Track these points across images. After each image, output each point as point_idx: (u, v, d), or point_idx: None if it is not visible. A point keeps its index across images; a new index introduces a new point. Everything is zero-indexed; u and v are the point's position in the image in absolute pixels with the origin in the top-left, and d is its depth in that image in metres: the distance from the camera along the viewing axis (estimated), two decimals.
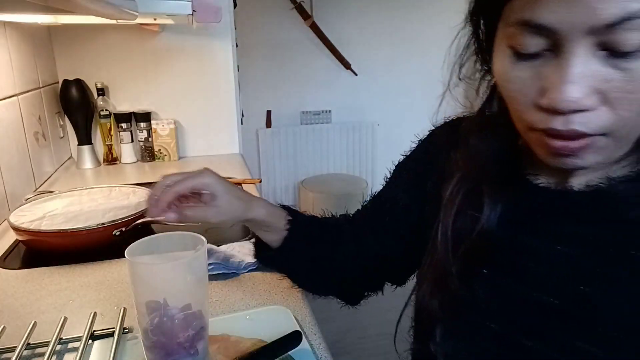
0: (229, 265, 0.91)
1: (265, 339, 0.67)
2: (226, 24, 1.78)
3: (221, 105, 1.88)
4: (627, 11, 0.36)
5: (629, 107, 0.39)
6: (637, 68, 0.38)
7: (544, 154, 0.44)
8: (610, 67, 0.39)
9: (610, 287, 0.44)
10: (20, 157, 1.34)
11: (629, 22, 0.36)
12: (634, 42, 0.37)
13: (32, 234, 0.97)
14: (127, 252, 0.56)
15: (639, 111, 0.39)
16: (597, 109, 0.40)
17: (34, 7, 0.94)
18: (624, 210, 0.44)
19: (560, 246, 0.47)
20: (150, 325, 0.56)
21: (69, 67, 1.73)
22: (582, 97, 0.39)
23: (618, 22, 0.36)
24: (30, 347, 0.68)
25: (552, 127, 0.41)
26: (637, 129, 0.42)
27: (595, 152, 0.42)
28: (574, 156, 0.42)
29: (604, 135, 0.41)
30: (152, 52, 1.78)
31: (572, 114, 0.40)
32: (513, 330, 0.49)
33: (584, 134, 0.40)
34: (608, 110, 0.40)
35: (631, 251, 0.44)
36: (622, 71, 0.38)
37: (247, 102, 3.25)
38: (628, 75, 0.38)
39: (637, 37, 0.37)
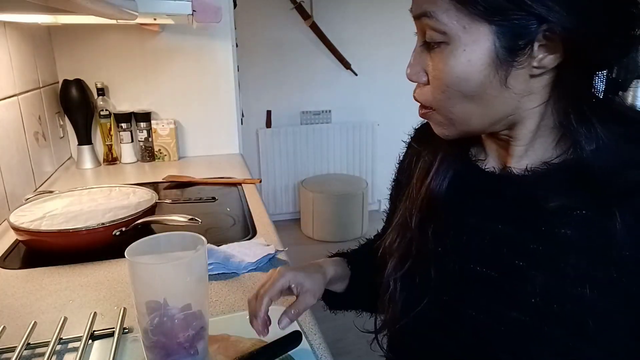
0: (229, 265, 0.91)
1: (265, 339, 0.67)
2: (226, 24, 1.78)
3: (221, 105, 1.88)
4: (421, 8, 0.48)
5: (438, 89, 0.50)
6: (437, 58, 0.49)
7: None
8: (428, 55, 0.51)
9: (540, 261, 0.49)
10: (20, 157, 1.34)
11: (425, 18, 0.48)
12: (430, 36, 0.49)
13: (32, 234, 0.97)
14: (127, 252, 0.56)
15: (446, 95, 0.50)
16: (426, 87, 0.52)
17: (34, 7, 0.94)
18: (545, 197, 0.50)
19: (501, 225, 0.53)
20: (150, 325, 0.56)
21: (69, 67, 1.73)
22: (412, 74, 0.52)
23: (418, 17, 0.49)
24: (30, 347, 0.68)
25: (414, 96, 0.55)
26: (457, 113, 0.51)
27: (438, 125, 0.54)
28: (433, 125, 0.55)
29: (434, 110, 0.53)
30: (152, 52, 1.78)
31: (416, 87, 0.53)
32: (459, 301, 0.55)
33: (421, 103, 0.53)
34: (429, 88, 0.52)
35: (555, 229, 0.49)
36: (431, 59, 0.50)
37: (247, 102, 3.25)
38: (433, 62, 0.50)
39: (430, 33, 0.48)
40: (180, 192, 1.48)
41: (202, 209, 1.29)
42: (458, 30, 0.46)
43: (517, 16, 0.44)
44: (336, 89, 3.45)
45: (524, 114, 0.51)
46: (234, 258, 0.93)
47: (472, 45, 0.46)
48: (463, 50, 0.47)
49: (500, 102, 0.49)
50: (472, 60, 0.47)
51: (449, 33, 0.47)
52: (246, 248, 0.98)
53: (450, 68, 0.48)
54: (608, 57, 0.48)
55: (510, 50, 0.46)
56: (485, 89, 0.48)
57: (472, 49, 0.47)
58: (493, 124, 0.52)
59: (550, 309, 0.48)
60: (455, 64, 0.48)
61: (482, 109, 0.50)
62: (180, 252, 0.61)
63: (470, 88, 0.48)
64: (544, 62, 0.47)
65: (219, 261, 0.91)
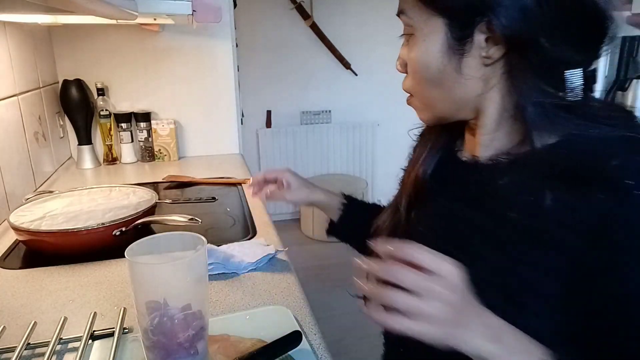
0: (229, 265, 0.91)
1: (265, 339, 0.67)
2: (226, 24, 1.78)
3: (221, 105, 1.88)
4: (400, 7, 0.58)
5: (410, 76, 0.60)
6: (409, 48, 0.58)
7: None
8: (406, 47, 0.59)
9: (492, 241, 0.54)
10: (20, 157, 1.34)
11: (401, 14, 0.57)
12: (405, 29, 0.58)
13: (32, 234, 0.97)
14: (127, 252, 0.56)
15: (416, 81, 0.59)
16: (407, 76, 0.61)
17: (34, 7, 0.94)
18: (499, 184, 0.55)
19: (466, 208, 0.58)
20: (150, 325, 0.56)
21: (69, 67, 1.73)
22: (398, 65, 0.62)
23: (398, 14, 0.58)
24: (30, 347, 0.68)
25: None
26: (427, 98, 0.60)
27: (418, 110, 0.63)
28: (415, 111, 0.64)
29: (413, 97, 0.62)
30: (152, 52, 1.78)
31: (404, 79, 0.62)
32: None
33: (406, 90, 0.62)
34: (408, 77, 0.61)
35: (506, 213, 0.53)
36: (407, 50, 0.59)
37: (247, 102, 3.25)
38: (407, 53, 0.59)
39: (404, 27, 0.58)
40: (180, 192, 1.48)
41: (202, 209, 1.29)
42: (420, 23, 0.56)
43: (462, 11, 0.52)
44: (336, 89, 3.45)
45: (486, 103, 0.57)
46: (234, 258, 0.93)
47: (430, 36, 0.55)
48: (423, 40, 0.56)
49: (459, 88, 0.56)
50: (430, 49, 0.55)
51: (414, 25, 0.56)
52: (246, 248, 0.98)
53: (415, 55, 0.57)
54: (568, 57, 0.51)
55: (459, 40, 0.53)
56: (443, 75, 0.56)
57: (430, 38, 0.55)
58: (458, 109, 0.59)
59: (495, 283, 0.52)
60: (418, 52, 0.57)
61: (444, 94, 0.58)
62: (180, 252, 0.61)
63: (431, 73, 0.57)
64: (490, 52, 0.53)
65: (219, 261, 0.91)
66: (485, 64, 0.54)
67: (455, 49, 0.54)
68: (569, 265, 0.49)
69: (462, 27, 0.53)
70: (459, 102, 0.58)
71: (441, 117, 0.61)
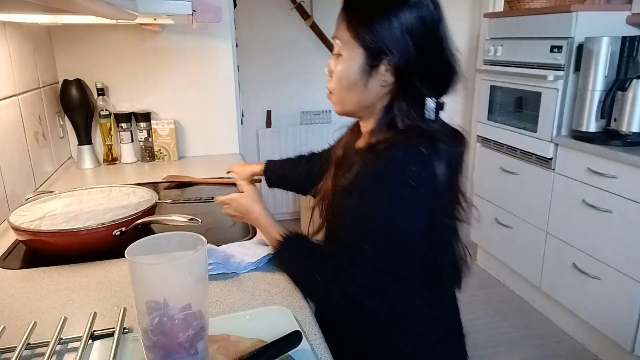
0: (229, 265, 0.91)
1: (265, 339, 0.67)
2: (226, 23, 1.78)
3: (221, 105, 1.88)
4: (334, 33, 0.83)
5: (335, 81, 0.84)
6: (337, 63, 0.82)
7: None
8: (334, 60, 0.83)
9: (346, 189, 0.81)
10: (20, 157, 1.34)
11: (336, 39, 0.82)
12: (336, 50, 0.82)
13: (32, 234, 0.97)
14: (127, 252, 0.56)
15: (337, 85, 0.83)
16: (331, 80, 0.85)
17: (34, 7, 0.94)
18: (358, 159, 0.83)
19: (347, 175, 0.83)
20: (150, 325, 0.56)
21: (69, 67, 1.73)
22: (327, 72, 0.86)
23: (333, 38, 0.83)
24: (30, 347, 0.68)
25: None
26: (340, 98, 0.85)
27: (334, 104, 0.87)
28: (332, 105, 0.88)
29: (332, 94, 0.86)
30: (152, 52, 1.78)
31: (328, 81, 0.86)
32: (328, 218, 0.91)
33: (329, 89, 0.86)
34: (332, 81, 0.84)
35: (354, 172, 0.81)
36: (335, 63, 0.83)
37: (247, 102, 3.25)
38: (336, 65, 0.83)
39: (336, 48, 0.82)
40: (180, 192, 1.48)
41: (202, 209, 1.29)
42: (348, 49, 0.80)
43: (375, 48, 0.77)
44: None
45: (375, 110, 0.84)
46: (234, 258, 0.93)
47: (353, 59, 0.80)
48: (348, 60, 0.80)
49: (363, 96, 0.82)
50: (351, 67, 0.80)
51: (344, 49, 0.81)
52: (246, 248, 0.98)
53: (340, 69, 0.82)
54: (428, 93, 0.80)
55: (370, 66, 0.79)
56: (355, 86, 0.81)
57: (353, 61, 0.80)
58: (359, 110, 0.85)
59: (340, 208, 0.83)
60: (343, 67, 0.81)
61: (354, 98, 0.83)
62: (180, 252, 0.61)
63: (348, 83, 0.81)
64: (386, 79, 0.79)
65: (219, 261, 0.91)
66: (382, 85, 0.80)
67: (366, 71, 0.79)
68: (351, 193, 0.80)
69: (373, 59, 0.78)
70: (361, 105, 0.84)
71: (348, 112, 0.87)
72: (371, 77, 0.79)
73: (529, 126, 2.33)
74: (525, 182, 2.40)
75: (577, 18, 2.04)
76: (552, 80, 2.14)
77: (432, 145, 0.74)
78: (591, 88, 2.01)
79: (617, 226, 1.88)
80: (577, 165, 2.05)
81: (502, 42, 2.51)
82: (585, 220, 2.03)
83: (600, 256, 1.96)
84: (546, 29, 2.20)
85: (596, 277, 1.99)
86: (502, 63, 2.52)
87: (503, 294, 2.61)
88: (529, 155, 2.35)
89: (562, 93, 2.13)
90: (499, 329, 2.29)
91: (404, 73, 0.77)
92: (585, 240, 2.04)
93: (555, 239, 2.22)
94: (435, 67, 0.79)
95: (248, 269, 0.92)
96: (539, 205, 2.30)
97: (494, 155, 2.64)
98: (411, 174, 0.72)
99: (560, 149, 2.16)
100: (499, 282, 2.72)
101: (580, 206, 2.05)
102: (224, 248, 0.97)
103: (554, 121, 2.18)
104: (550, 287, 2.28)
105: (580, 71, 2.06)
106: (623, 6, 2.12)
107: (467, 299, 2.56)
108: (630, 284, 1.83)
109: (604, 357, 2.05)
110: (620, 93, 1.93)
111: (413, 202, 0.74)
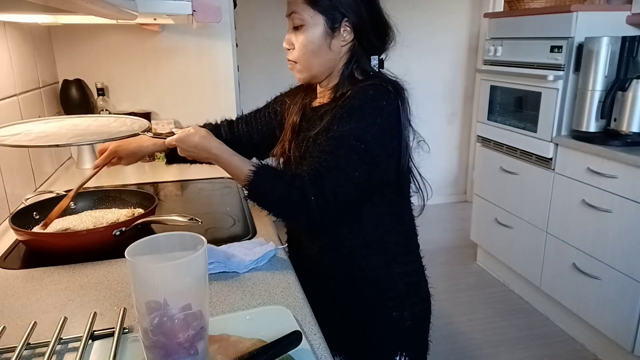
0: (229, 265, 0.91)
1: (265, 339, 0.67)
2: (226, 24, 1.78)
3: (221, 105, 1.88)
4: (291, 10, 0.91)
5: (300, 51, 0.92)
6: (299, 34, 0.91)
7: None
8: (294, 33, 0.93)
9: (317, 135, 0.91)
10: (20, 157, 1.34)
11: (292, 15, 0.91)
12: (296, 23, 0.91)
13: (32, 234, 0.97)
14: (127, 252, 0.56)
15: (303, 53, 0.92)
16: (294, 51, 0.94)
17: (34, 7, 0.94)
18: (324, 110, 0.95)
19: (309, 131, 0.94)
20: (150, 325, 0.56)
21: (69, 67, 1.73)
22: (287, 44, 0.95)
23: (290, 14, 0.92)
24: (30, 347, 0.68)
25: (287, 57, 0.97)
26: (307, 65, 0.93)
27: (298, 72, 0.96)
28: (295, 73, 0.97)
29: (296, 63, 0.95)
30: (152, 52, 1.78)
31: (287, 51, 0.96)
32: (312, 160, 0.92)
33: (290, 60, 0.96)
34: (295, 51, 0.93)
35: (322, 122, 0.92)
36: (296, 35, 0.92)
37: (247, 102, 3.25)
38: (298, 37, 0.92)
39: (296, 21, 0.91)
40: (180, 191, 1.48)
41: (202, 209, 1.29)
42: (309, 19, 0.90)
43: (333, 13, 0.89)
44: None
45: (337, 68, 0.95)
46: (234, 258, 0.93)
47: (315, 27, 0.90)
48: (311, 28, 0.90)
49: (329, 57, 0.93)
50: (315, 34, 0.91)
51: (305, 20, 0.90)
52: (246, 248, 0.98)
53: (305, 38, 0.91)
54: (375, 48, 0.95)
55: (331, 29, 0.90)
56: (320, 49, 0.91)
57: (315, 28, 0.90)
58: (325, 70, 0.95)
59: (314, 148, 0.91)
60: (307, 35, 0.91)
61: (319, 61, 0.93)
62: (180, 252, 0.61)
63: (314, 48, 0.91)
64: (345, 37, 0.92)
65: (219, 261, 0.91)
66: (342, 45, 0.92)
67: (329, 34, 0.91)
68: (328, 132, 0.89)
69: (333, 23, 0.90)
70: (326, 66, 0.94)
71: (313, 75, 0.95)
72: (333, 38, 0.91)
73: (529, 126, 2.34)
74: (525, 182, 2.40)
75: (577, 18, 2.04)
76: (552, 80, 2.14)
77: (394, 86, 0.89)
78: (591, 88, 2.01)
79: (617, 226, 1.88)
80: (577, 165, 2.05)
81: (502, 42, 2.51)
82: (585, 220, 2.03)
83: (600, 256, 1.96)
84: (546, 29, 2.20)
85: (596, 277, 1.99)
86: (502, 63, 2.52)
87: (503, 294, 2.61)
88: (529, 155, 2.35)
89: (562, 93, 2.14)
90: (499, 329, 2.29)
91: (360, 30, 0.91)
92: (585, 240, 2.04)
93: (555, 239, 2.22)
94: (379, 23, 0.93)
95: (249, 267, 0.92)
96: (539, 205, 2.30)
97: (494, 155, 2.64)
98: (382, 107, 0.86)
99: (560, 149, 2.16)
100: (499, 282, 2.72)
101: (580, 206, 2.05)
102: (224, 248, 0.97)
103: (554, 121, 2.18)
104: (550, 287, 2.28)
105: (580, 71, 2.06)
106: (623, 6, 2.12)
107: (467, 299, 2.56)
108: (630, 284, 1.83)
109: (604, 357, 2.05)
110: (620, 93, 1.93)
111: (385, 129, 0.86)
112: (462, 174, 4.06)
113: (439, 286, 2.75)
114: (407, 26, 3.47)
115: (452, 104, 3.86)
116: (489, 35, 2.64)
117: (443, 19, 3.62)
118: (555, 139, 2.17)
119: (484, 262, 2.91)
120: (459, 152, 4.00)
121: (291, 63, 0.95)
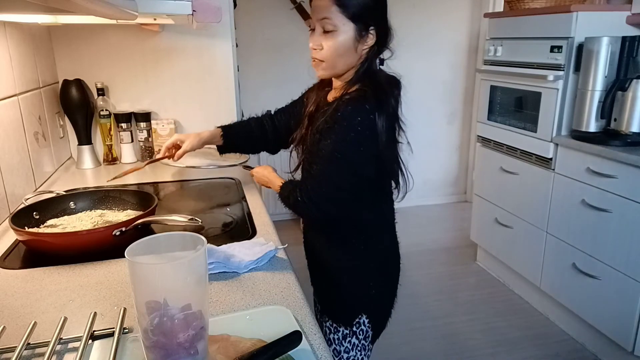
0: (229, 265, 0.91)
1: (265, 339, 0.67)
2: (226, 24, 1.78)
3: (221, 105, 1.88)
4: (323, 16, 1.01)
5: (328, 51, 1.03)
6: (330, 37, 1.01)
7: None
8: (323, 36, 1.02)
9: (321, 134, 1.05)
10: (20, 157, 1.34)
11: (324, 20, 1.01)
12: (327, 28, 1.01)
13: (32, 234, 0.97)
14: (127, 252, 0.56)
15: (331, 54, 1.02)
16: (322, 51, 1.04)
17: (34, 7, 0.94)
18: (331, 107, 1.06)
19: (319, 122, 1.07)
20: (150, 325, 0.56)
21: (69, 67, 1.73)
22: (315, 45, 1.04)
23: (321, 19, 1.01)
24: (30, 347, 0.68)
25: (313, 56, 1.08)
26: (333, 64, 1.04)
27: (322, 70, 1.07)
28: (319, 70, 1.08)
29: (323, 62, 1.05)
30: (152, 52, 1.78)
31: (315, 52, 1.06)
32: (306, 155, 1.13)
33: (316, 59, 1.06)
34: (324, 51, 1.03)
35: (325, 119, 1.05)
36: (326, 38, 1.02)
37: (247, 102, 3.25)
38: (327, 40, 1.02)
39: (327, 26, 1.01)
40: (180, 191, 1.48)
41: (202, 209, 1.29)
42: (341, 26, 1.00)
43: (364, 22, 1.01)
44: None
45: (355, 67, 1.06)
46: (234, 258, 0.93)
47: (345, 33, 1.01)
48: (342, 33, 1.01)
49: (354, 59, 1.05)
50: (345, 39, 1.01)
51: (337, 27, 1.00)
52: (246, 248, 0.98)
53: (336, 42, 1.02)
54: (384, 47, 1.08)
55: (360, 36, 1.02)
56: (348, 51, 1.03)
57: (345, 34, 1.01)
58: (344, 70, 1.07)
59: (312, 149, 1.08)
60: (338, 41, 1.02)
61: (344, 61, 1.05)
62: (180, 252, 0.61)
63: (343, 50, 1.03)
64: (369, 42, 1.04)
65: (219, 261, 0.91)
66: (364, 49, 1.04)
67: (357, 39, 1.02)
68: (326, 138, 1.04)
69: (362, 30, 1.02)
70: (350, 66, 1.06)
71: (337, 73, 1.08)
72: (359, 43, 1.03)
73: (529, 126, 2.34)
74: (525, 182, 2.40)
75: (577, 18, 2.04)
76: (552, 80, 2.14)
77: (377, 101, 1.02)
78: (591, 88, 2.01)
79: (616, 226, 1.88)
80: (577, 165, 2.05)
81: (502, 42, 2.51)
82: (585, 220, 2.03)
83: (600, 256, 1.96)
84: (546, 29, 2.20)
85: (596, 277, 1.99)
86: (502, 63, 2.52)
87: (503, 294, 2.61)
88: (529, 155, 2.35)
89: (562, 93, 2.14)
90: (499, 329, 2.29)
91: (380, 35, 1.04)
92: (585, 240, 2.04)
93: (555, 239, 2.22)
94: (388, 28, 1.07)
95: (249, 267, 0.92)
96: (539, 205, 2.30)
97: (494, 155, 2.64)
98: (356, 123, 1.00)
99: (560, 149, 2.16)
100: (499, 282, 2.72)
101: (580, 206, 2.05)
102: (224, 248, 0.97)
103: (554, 121, 2.18)
104: (550, 287, 2.28)
105: (580, 71, 2.06)
106: (623, 6, 2.12)
107: (467, 299, 2.56)
108: (630, 284, 1.83)
109: (604, 357, 2.05)
110: (620, 93, 1.93)
111: (360, 140, 1.01)
112: (462, 174, 4.06)
113: (439, 286, 2.76)
114: (407, 26, 3.50)
115: (452, 104, 3.86)
116: (489, 35, 2.64)
117: (443, 18, 3.61)
118: (555, 139, 2.17)
119: (484, 262, 2.91)
120: (459, 152, 4.00)
121: (316, 61, 1.06)
